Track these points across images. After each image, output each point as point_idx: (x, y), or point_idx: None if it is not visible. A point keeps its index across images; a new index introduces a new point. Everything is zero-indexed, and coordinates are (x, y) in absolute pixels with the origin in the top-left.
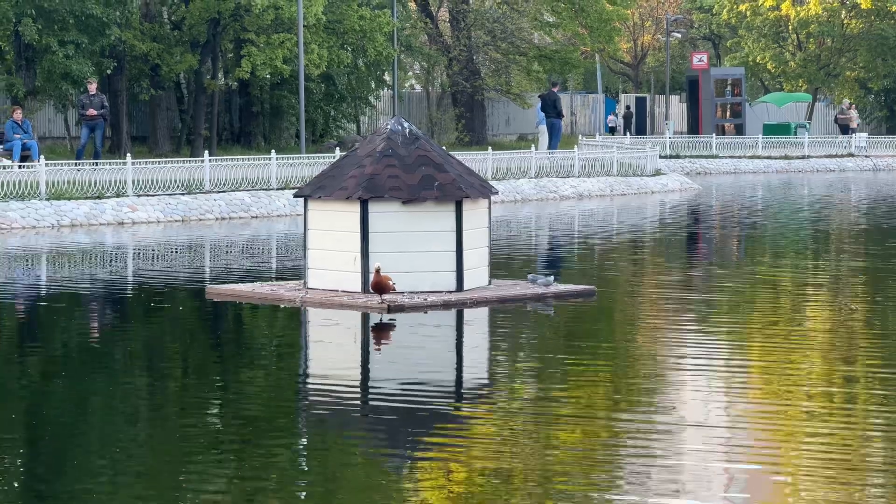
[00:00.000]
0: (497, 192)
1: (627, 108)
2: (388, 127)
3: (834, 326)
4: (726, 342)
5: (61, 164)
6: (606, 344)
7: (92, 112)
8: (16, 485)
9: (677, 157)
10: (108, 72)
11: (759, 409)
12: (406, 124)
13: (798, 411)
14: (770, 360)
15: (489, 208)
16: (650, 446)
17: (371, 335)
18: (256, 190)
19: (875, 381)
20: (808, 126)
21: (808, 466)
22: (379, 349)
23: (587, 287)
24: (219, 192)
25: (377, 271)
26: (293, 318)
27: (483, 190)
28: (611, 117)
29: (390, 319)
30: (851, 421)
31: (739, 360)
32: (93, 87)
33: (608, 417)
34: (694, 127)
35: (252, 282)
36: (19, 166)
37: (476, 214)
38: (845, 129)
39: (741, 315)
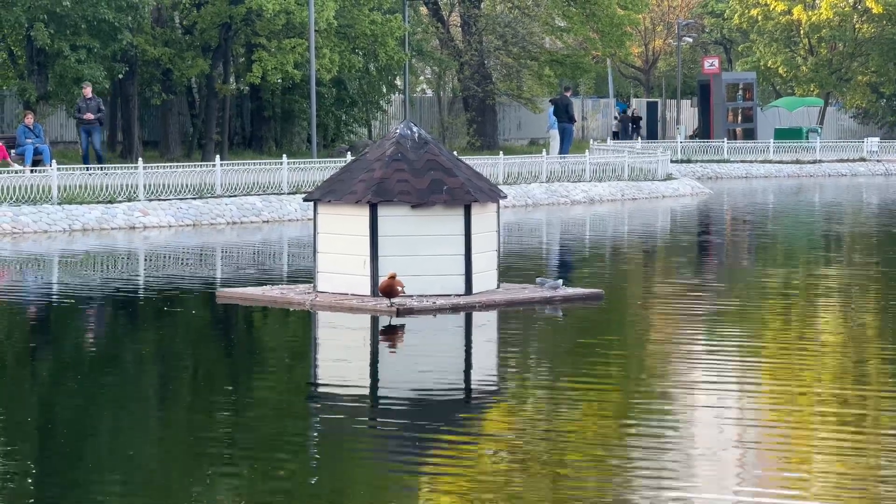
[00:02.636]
0: (505, 197)
1: (623, 111)
2: (398, 131)
3: (846, 337)
4: (735, 351)
5: (73, 168)
6: (612, 348)
7: (89, 116)
8: (28, 490)
9: (689, 161)
10: (120, 76)
11: (769, 426)
12: (415, 128)
13: (807, 426)
14: (779, 372)
15: (498, 212)
16: (660, 476)
17: (380, 338)
18: (268, 194)
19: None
20: (819, 130)
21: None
22: (388, 352)
23: (595, 291)
24: (230, 196)
25: (391, 277)
26: (302, 322)
27: (492, 194)
28: (615, 122)
29: (397, 323)
30: (866, 442)
31: (749, 370)
32: (88, 91)
33: (617, 426)
34: (705, 131)
35: (262, 285)
36: (31, 171)
37: (485, 218)
38: None
39: (750, 323)
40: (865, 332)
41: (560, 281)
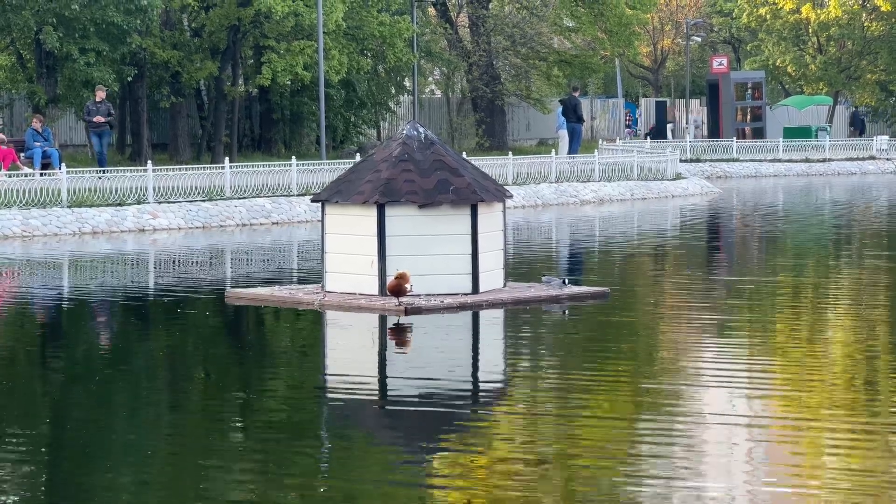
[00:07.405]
0: (511, 196)
1: (628, 112)
2: (404, 132)
3: (855, 337)
4: (741, 351)
5: (82, 171)
6: (618, 347)
7: (99, 119)
8: (39, 489)
9: (698, 160)
10: (129, 79)
11: (777, 420)
12: (422, 129)
13: (817, 429)
14: (791, 371)
15: (504, 212)
16: (672, 476)
17: (388, 337)
18: (277, 196)
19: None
20: (828, 129)
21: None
22: (396, 351)
23: (601, 289)
24: (239, 198)
25: (403, 277)
26: (311, 321)
27: (498, 194)
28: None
29: (401, 323)
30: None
31: (756, 368)
32: (101, 95)
33: (624, 424)
34: (714, 131)
35: (271, 286)
36: (41, 174)
37: (491, 218)
38: None
39: (757, 323)
40: (876, 333)
41: (566, 279)
